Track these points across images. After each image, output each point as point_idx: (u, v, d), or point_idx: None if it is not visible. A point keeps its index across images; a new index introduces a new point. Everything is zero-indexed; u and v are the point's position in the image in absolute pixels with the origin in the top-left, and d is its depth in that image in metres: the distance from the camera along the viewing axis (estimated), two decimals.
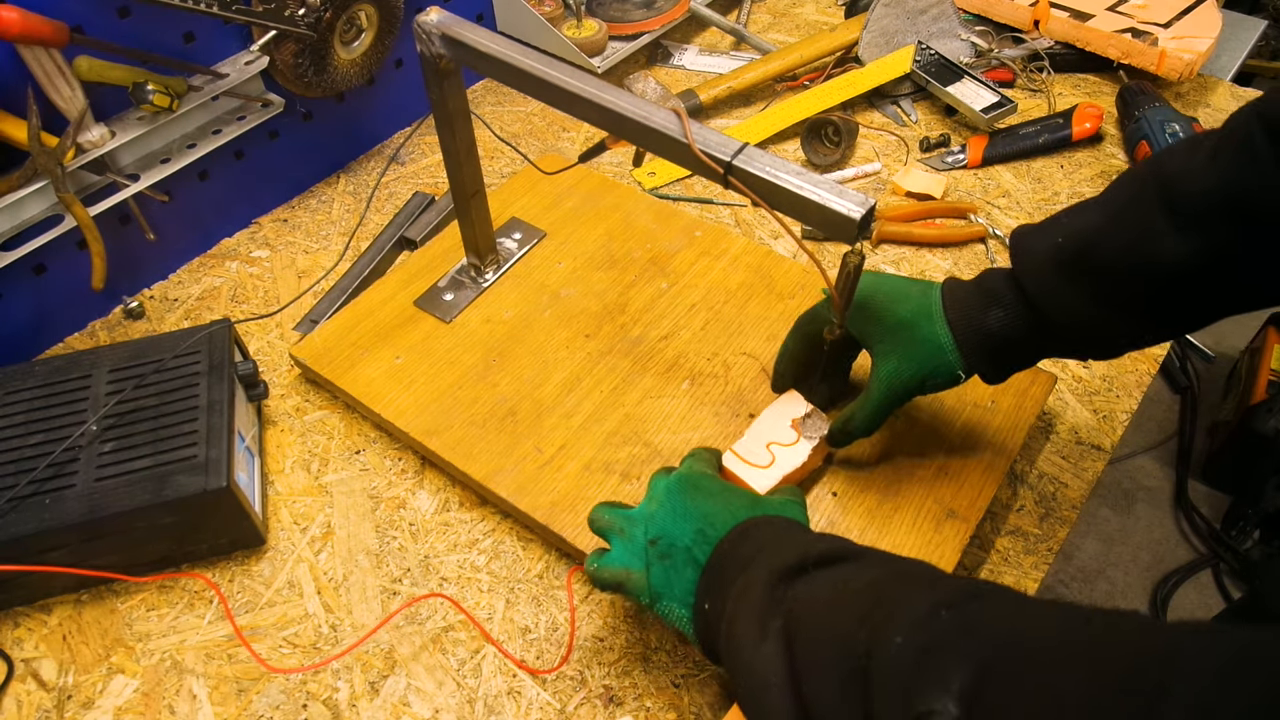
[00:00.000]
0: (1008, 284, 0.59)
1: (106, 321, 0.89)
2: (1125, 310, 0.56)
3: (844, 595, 0.43)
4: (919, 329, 0.61)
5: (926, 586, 0.41)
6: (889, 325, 0.62)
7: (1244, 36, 1.25)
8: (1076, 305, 0.56)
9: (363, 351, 0.79)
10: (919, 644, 0.36)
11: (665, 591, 0.53)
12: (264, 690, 0.63)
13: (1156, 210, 0.53)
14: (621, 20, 1.15)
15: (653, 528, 0.55)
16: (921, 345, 0.61)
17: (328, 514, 0.72)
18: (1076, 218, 0.57)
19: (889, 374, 0.61)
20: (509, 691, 0.62)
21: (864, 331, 0.63)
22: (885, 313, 0.62)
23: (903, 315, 0.61)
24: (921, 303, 0.61)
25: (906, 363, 0.61)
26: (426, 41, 0.65)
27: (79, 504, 0.62)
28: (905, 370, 0.61)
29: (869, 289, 0.63)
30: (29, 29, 0.68)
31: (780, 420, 0.68)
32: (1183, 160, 0.53)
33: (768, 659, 0.43)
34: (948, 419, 0.72)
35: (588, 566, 0.56)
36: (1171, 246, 0.52)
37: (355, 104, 1.02)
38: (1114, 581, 1.39)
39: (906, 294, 0.62)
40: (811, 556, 0.47)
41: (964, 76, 1.06)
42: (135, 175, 0.82)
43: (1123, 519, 1.48)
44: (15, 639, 0.66)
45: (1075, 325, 0.57)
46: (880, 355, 0.62)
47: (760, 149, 0.55)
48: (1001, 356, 0.61)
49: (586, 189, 0.95)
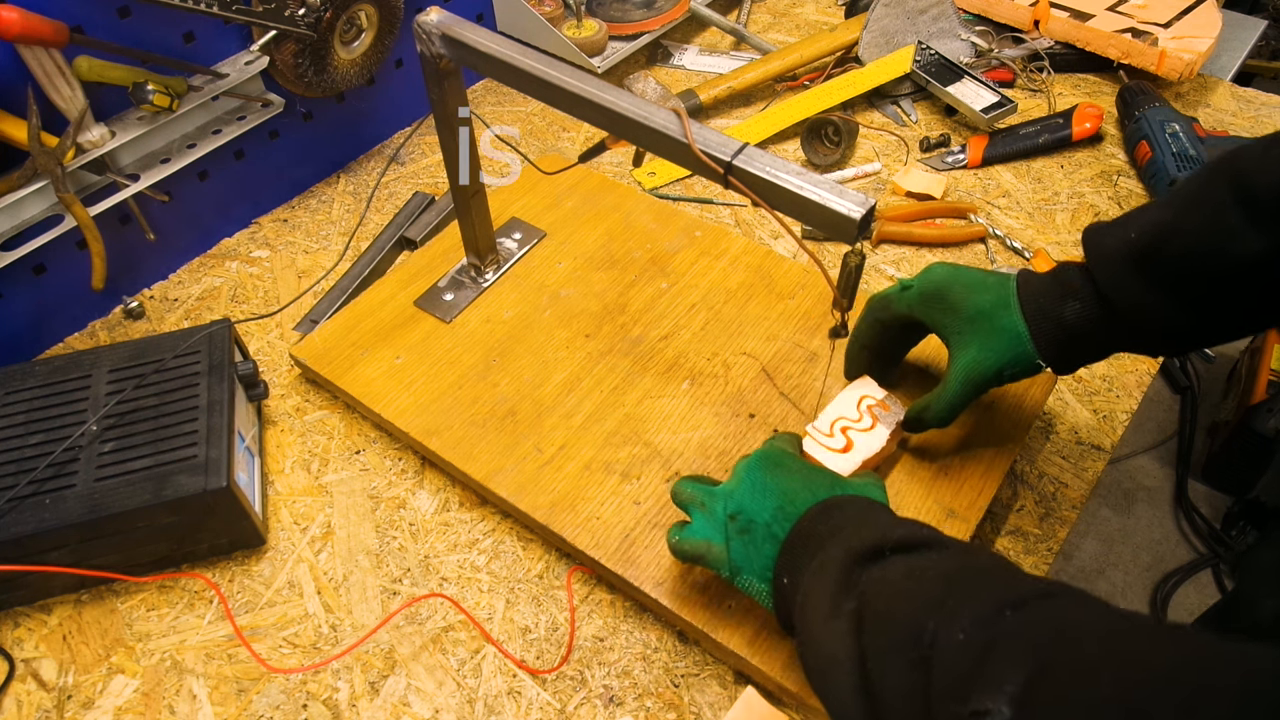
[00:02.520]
0: (1082, 277, 0.59)
1: (106, 321, 0.89)
2: (1197, 306, 0.55)
3: (918, 583, 0.43)
4: (997, 319, 0.61)
5: (1000, 584, 0.41)
6: (967, 315, 0.62)
7: (1244, 36, 1.25)
8: (1148, 299, 0.56)
9: (363, 351, 0.79)
10: (981, 642, 0.36)
11: (745, 566, 0.54)
12: (264, 690, 0.63)
13: (1231, 205, 0.52)
14: (621, 20, 1.15)
15: (733, 503, 0.56)
16: (1000, 335, 0.61)
17: (328, 514, 0.72)
18: (1150, 213, 0.57)
19: (968, 363, 0.62)
20: (509, 691, 0.62)
21: (940, 322, 0.64)
22: (963, 303, 0.62)
23: (981, 305, 0.61)
24: (1000, 293, 0.61)
25: (986, 352, 0.61)
26: (426, 41, 0.65)
27: (79, 504, 0.62)
28: (985, 360, 0.61)
29: (946, 279, 0.63)
30: (29, 29, 0.68)
31: (853, 404, 0.67)
32: (1258, 155, 0.53)
33: (838, 637, 0.44)
34: None
35: (670, 539, 0.58)
36: (1246, 242, 0.52)
37: (355, 104, 1.02)
38: (1114, 581, 1.39)
39: (984, 284, 0.62)
40: (890, 540, 0.47)
41: (964, 76, 1.06)
42: (135, 175, 0.82)
43: (1123, 519, 1.48)
44: (15, 639, 0.66)
45: (1146, 319, 0.57)
46: (958, 345, 0.63)
47: (760, 149, 0.55)
48: (1073, 349, 0.61)
49: (586, 189, 0.95)
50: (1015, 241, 0.92)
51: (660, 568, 0.64)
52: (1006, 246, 0.92)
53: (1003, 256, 0.92)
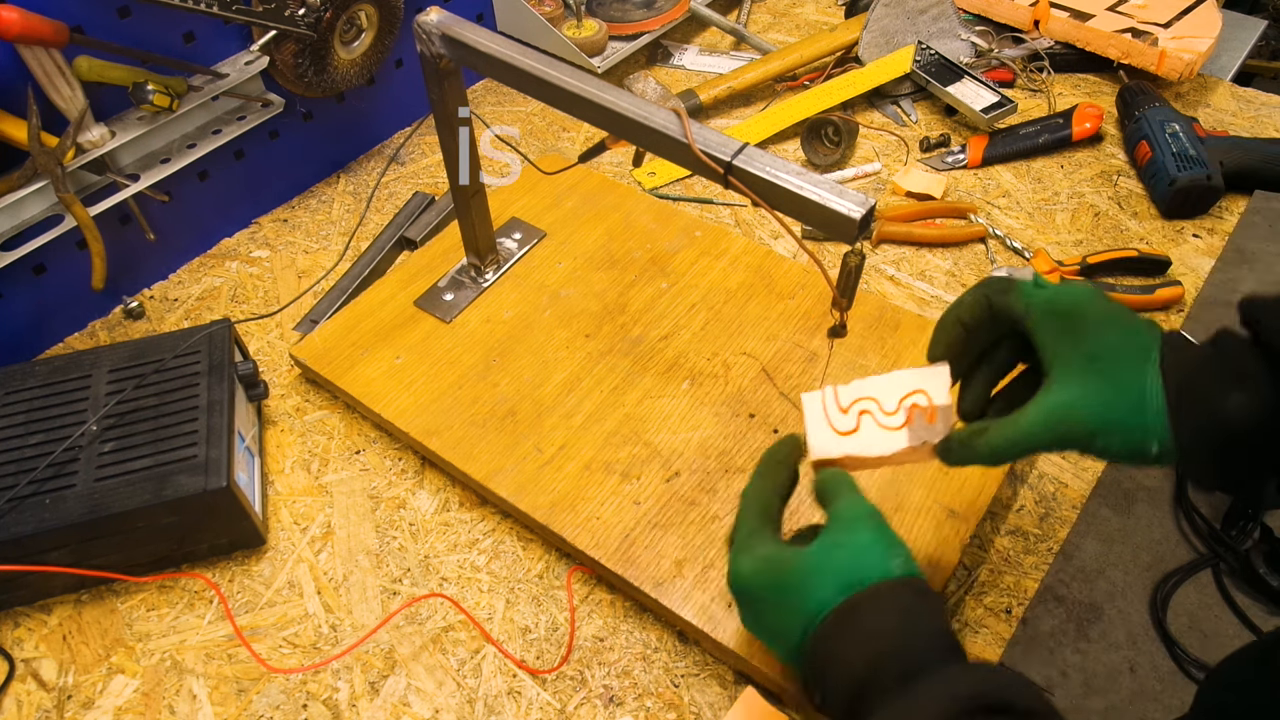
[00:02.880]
0: (1254, 357, 0.45)
1: (106, 321, 0.89)
2: None
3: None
4: (1124, 368, 0.47)
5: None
6: (1087, 349, 0.48)
7: (1244, 36, 1.25)
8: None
9: (363, 351, 0.79)
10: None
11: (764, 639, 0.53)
12: (264, 690, 0.63)
13: None
14: (621, 20, 1.15)
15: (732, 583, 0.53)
16: (1119, 388, 0.46)
17: (328, 514, 0.72)
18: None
19: (1059, 404, 0.47)
20: (509, 691, 0.62)
21: (1053, 348, 0.49)
22: (1090, 333, 0.48)
23: (1111, 342, 0.48)
24: (1143, 340, 0.47)
25: (1089, 399, 0.47)
26: (426, 41, 0.65)
27: (79, 504, 0.62)
28: (1083, 407, 0.47)
29: (1085, 298, 0.49)
30: (29, 29, 0.68)
31: (898, 391, 0.53)
32: None
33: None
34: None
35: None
36: None
37: (355, 104, 1.02)
38: (1114, 581, 1.39)
39: (1125, 321, 0.49)
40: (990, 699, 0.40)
41: (964, 76, 1.06)
42: (135, 175, 0.82)
43: (1123, 519, 1.48)
44: (15, 639, 0.66)
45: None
46: (1059, 379, 0.48)
47: (760, 149, 0.55)
48: (1233, 453, 0.45)
49: (586, 189, 0.95)
50: (1015, 241, 0.92)
51: (660, 568, 0.64)
52: (1006, 246, 0.92)
53: (1003, 256, 0.92)
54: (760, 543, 0.52)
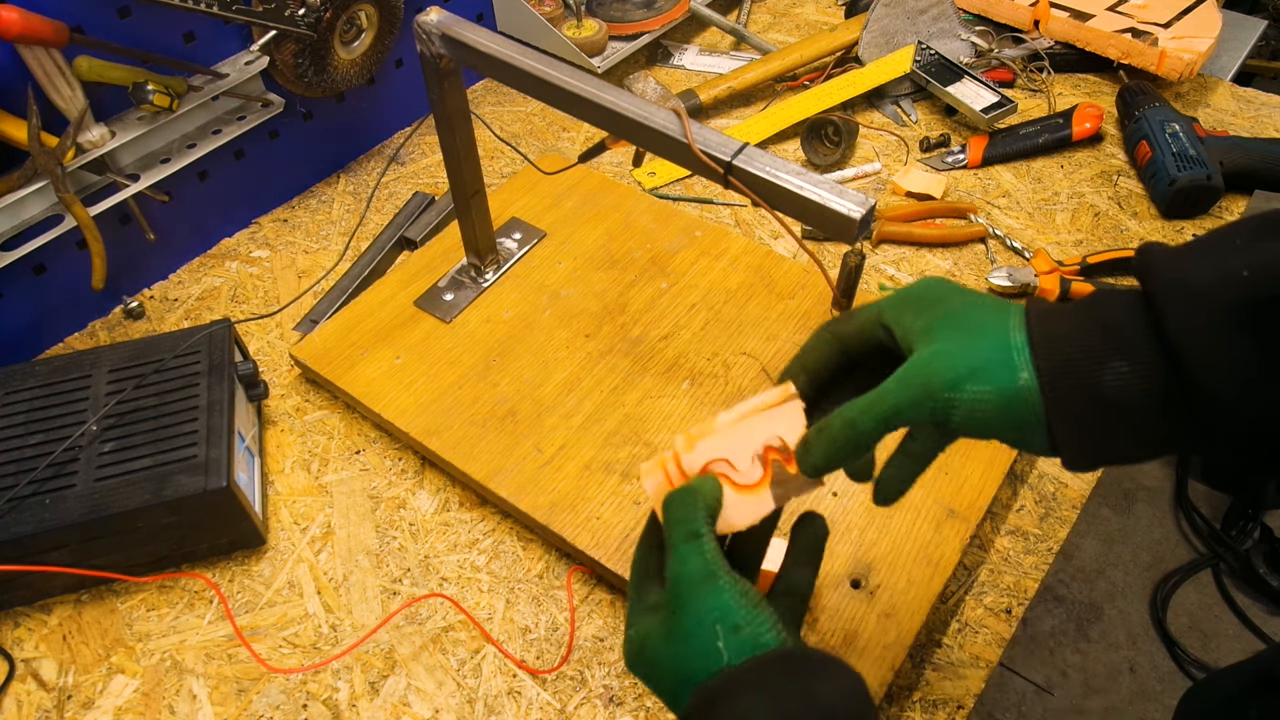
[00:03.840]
0: (1141, 325, 0.38)
1: (106, 321, 0.89)
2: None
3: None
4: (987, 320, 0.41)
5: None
6: (943, 313, 0.43)
7: (1244, 36, 1.25)
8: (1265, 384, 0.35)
9: (363, 351, 0.79)
10: None
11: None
12: (264, 690, 0.63)
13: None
14: (621, 20, 1.15)
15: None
16: (981, 335, 0.41)
17: (328, 514, 0.72)
18: (1272, 246, 0.37)
19: (919, 359, 0.41)
20: (509, 691, 0.62)
21: (910, 325, 0.43)
22: (945, 303, 0.43)
23: (971, 302, 0.43)
24: (1003, 304, 0.43)
25: (951, 350, 0.41)
26: (426, 41, 0.65)
27: (79, 504, 0.62)
28: (945, 355, 0.40)
29: (933, 283, 0.45)
30: (29, 29, 0.68)
31: (749, 441, 0.45)
32: None
33: None
34: None
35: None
36: None
37: (355, 104, 1.02)
38: (1114, 581, 1.39)
39: (985, 296, 0.44)
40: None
41: (964, 76, 1.06)
42: (135, 175, 0.82)
43: (1123, 519, 1.49)
44: (15, 639, 0.66)
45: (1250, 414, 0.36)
46: (918, 344, 0.42)
47: (760, 149, 0.55)
48: (1105, 430, 0.39)
49: (586, 189, 0.95)
50: (1015, 241, 0.92)
51: None
52: (1006, 246, 0.92)
53: (1003, 256, 0.92)
54: (631, 619, 0.44)
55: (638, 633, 0.43)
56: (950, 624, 0.65)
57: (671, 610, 0.41)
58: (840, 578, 0.64)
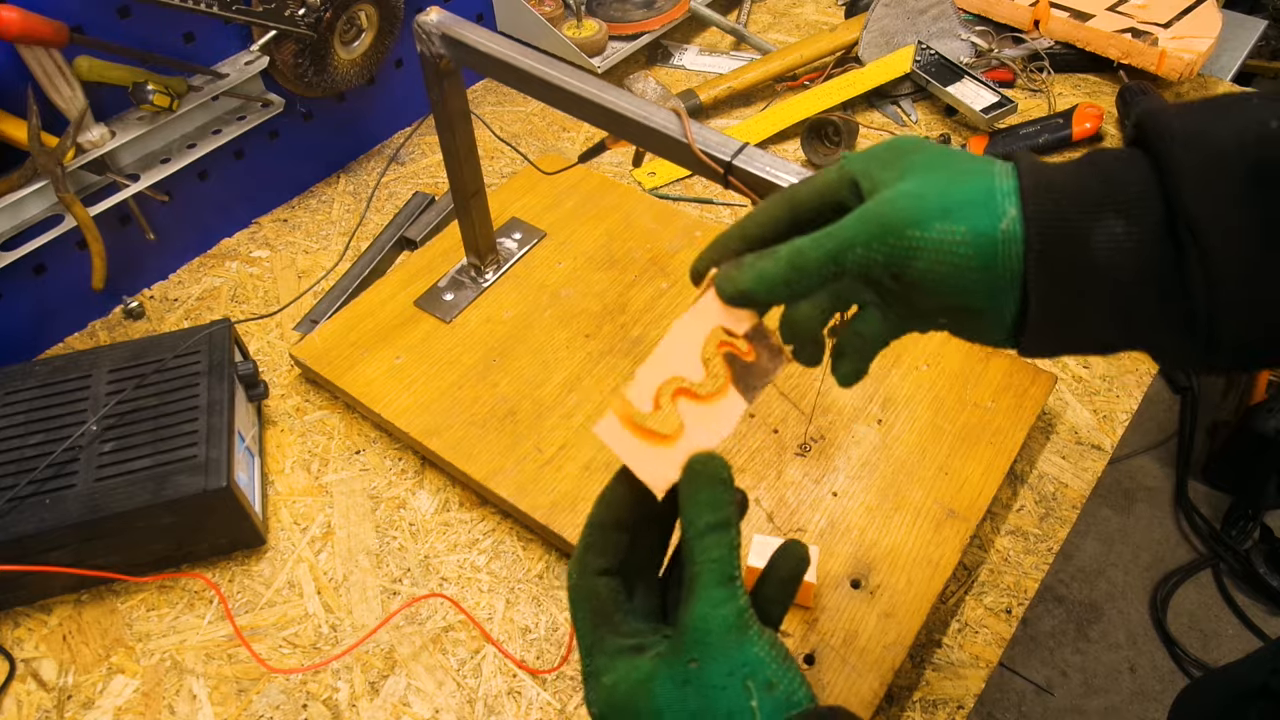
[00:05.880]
0: (1151, 186, 0.33)
1: (106, 321, 0.89)
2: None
3: None
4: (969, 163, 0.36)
5: None
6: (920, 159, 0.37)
7: (1244, 36, 1.25)
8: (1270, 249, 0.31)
9: (363, 351, 0.79)
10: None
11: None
12: (264, 690, 0.63)
13: None
14: (621, 20, 1.15)
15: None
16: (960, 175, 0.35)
17: (328, 514, 0.72)
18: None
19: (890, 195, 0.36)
20: (509, 691, 0.62)
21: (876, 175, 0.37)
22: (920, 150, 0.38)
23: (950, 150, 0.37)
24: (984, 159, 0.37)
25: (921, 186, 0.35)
26: (426, 41, 0.65)
27: (79, 504, 0.62)
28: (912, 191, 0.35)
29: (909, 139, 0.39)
30: (29, 29, 0.68)
31: (694, 344, 0.40)
32: None
33: None
34: (948, 419, 0.72)
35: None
36: None
37: (355, 104, 1.02)
38: (1114, 581, 1.39)
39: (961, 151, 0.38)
40: None
41: (964, 76, 1.06)
42: (135, 175, 0.82)
43: (1123, 519, 1.48)
44: (15, 639, 0.66)
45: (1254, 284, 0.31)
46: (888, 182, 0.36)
47: (760, 149, 0.55)
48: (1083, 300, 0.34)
49: (586, 189, 0.95)
50: None
51: None
52: None
53: None
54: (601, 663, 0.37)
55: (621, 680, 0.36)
56: (950, 624, 0.65)
57: (693, 657, 0.34)
58: (840, 578, 0.64)
